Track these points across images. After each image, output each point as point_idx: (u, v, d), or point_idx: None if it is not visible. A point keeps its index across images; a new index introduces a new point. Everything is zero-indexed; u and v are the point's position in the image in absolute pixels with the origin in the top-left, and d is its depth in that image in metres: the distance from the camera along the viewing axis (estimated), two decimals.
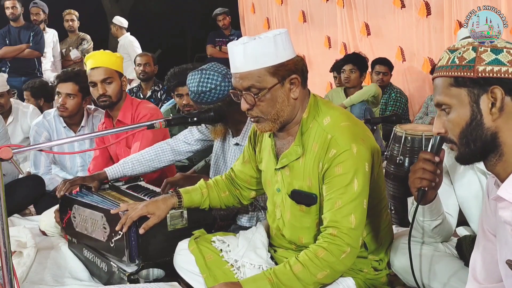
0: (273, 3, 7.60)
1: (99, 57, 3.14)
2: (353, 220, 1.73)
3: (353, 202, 1.74)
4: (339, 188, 1.75)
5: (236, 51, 1.81)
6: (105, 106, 3.17)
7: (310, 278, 1.70)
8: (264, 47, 1.78)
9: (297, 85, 1.84)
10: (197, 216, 2.25)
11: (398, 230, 2.81)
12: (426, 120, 5.19)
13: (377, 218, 1.96)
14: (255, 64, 1.78)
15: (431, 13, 5.34)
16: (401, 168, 2.87)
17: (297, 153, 1.87)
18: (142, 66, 5.48)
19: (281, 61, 1.79)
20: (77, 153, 3.60)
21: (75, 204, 2.42)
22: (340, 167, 1.75)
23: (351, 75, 4.81)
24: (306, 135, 1.86)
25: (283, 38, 1.80)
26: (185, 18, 13.91)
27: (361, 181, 1.75)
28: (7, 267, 1.62)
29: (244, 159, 2.20)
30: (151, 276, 2.15)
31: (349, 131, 1.80)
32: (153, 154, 2.78)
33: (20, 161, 4.50)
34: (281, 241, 2.04)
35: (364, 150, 1.78)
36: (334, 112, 1.87)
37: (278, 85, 1.80)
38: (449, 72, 1.31)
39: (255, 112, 1.84)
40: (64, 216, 2.51)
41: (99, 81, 3.07)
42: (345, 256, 1.71)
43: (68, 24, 7.03)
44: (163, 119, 2.15)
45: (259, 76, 1.79)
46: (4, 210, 1.58)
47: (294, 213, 1.93)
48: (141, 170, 2.76)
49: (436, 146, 1.59)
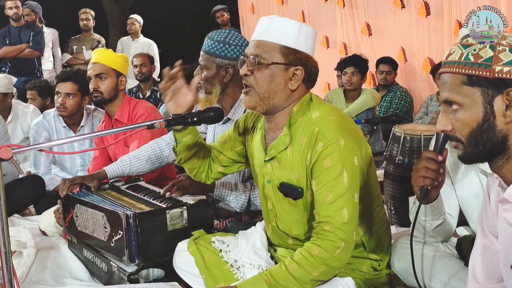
0: (273, 3, 7.61)
1: (100, 54, 3.24)
2: (346, 214, 1.72)
3: (344, 196, 1.73)
4: (329, 181, 1.74)
5: (263, 22, 1.87)
6: (96, 101, 3.23)
7: (306, 276, 1.70)
8: (289, 27, 1.82)
9: (299, 78, 1.84)
10: (197, 216, 2.26)
11: (398, 230, 2.82)
12: (426, 120, 5.19)
13: (373, 216, 1.95)
14: (273, 37, 1.82)
15: (431, 13, 5.35)
16: (400, 168, 2.87)
17: (285, 143, 1.86)
18: (139, 67, 5.48)
19: (297, 48, 1.82)
20: (77, 153, 3.60)
21: (77, 203, 2.43)
22: (328, 159, 1.74)
23: (353, 78, 4.80)
24: (294, 127, 1.86)
25: (309, 32, 1.85)
26: (185, 18, 13.89)
27: (350, 174, 1.74)
28: (7, 267, 1.62)
29: (224, 138, 2.16)
30: (151, 276, 2.16)
31: (337, 125, 1.79)
32: (149, 150, 2.79)
33: (20, 161, 4.50)
34: (277, 236, 2.03)
35: (352, 144, 1.77)
36: (323, 107, 1.88)
37: (282, 66, 1.82)
38: (462, 69, 1.26)
39: (250, 80, 1.86)
40: (67, 215, 2.51)
41: (93, 75, 3.16)
42: (340, 251, 1.70)
43: (83, 23, 6.99)
44: (163, 119, 2.14)
45: (270, 49, 1.82)
46: (4, 210, 1.58)
47: (284, 205, 1.93)
48: (139, 167, 2.76)
49: (440, 145, 1.58)
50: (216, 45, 2.48)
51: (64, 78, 3.52)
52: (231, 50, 2.47)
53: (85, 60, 6.84)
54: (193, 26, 13.63)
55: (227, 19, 7.36)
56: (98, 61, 3.18)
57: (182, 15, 13.77)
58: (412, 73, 5.84)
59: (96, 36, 7.06)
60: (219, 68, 2.48)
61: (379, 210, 1.99)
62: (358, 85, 4.84)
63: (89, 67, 3.21)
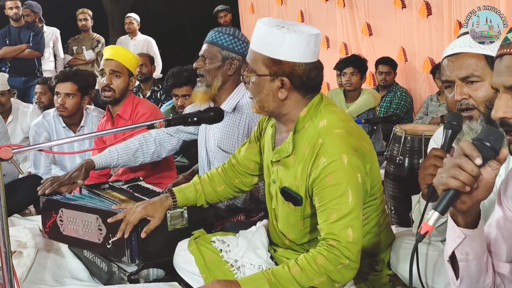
0: (272, 3, 7.60)
1: (116, 51, 3.22)
2: (351, 234, 1.69)
3: (348, 215, 1.69)
4: (332, 199, 1.71)
5: (256, 29, 1.85)
6: (107, 100, 3.17)
7: (307, 282, 1.69)
8: (271, 37, 1.78)
9: (287, 88, 1.81)
10: (197, 216, 2.25)
11: (398, 230, 2.81)
12: (426, 120, 5.19)
13: (375, 222, 1.94)
14: (259, 47, 1.82)
15: (432, 13, 5.34)
16: (401, 168, 2.87)
17: (287, 151, 1.85)
18: (139, 67, 5.47)
19: (279, 58, 1.78)
20: (77, 153, 3.60)
21: (62, 207, 2.35)
22: (331, 177, 1.71)
23: (352, 78, 4.80)
24: (300, 135, 1.84)
25: (295, 38, 1.77)
26: (185, 18, 13.90)
27: (354, 192, 1.71)
28: (7, 267, 1.62)
29: (250, 144, 2.17)
30: (151, 276, 2.16)
31: (342, 140, 1.75)
32: (137, 143, 2.79)
33: (20, 161, 4.49)
34: (277, 235, 2.03)
35: (355, 161, 1.73)
36: (332, 116, 1.82)
37: (267, 77, 1.82)
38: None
39: (248, 89, 1.89)
40: (48, 220, 2.41)
41: (108, 71, 3.12)
42: (342, 267, 1.68)
43: (81, 24, 6.96)
44: (163, 119, 2.15)
45: (255, 60, 1.83)
46: (4, 210, 1.58)
47: (284, 208, 1.93)
48: (126, 160, 2.77)
49: (447, 143, 1.57)
50: (225, 37, 2.48)
51: (64, 78, 3.52)
52: (239, 44, 2.48)
53: (86, 61, 6.84)
54: (193, 25, 13.64)
55: (229, 20, 7.33)
56: (114, 58, 3.15)
57: (182, 14, 13.78)
58: (412, 73, 5.84)
59: (95, 35, 7.05)
60: (224, 60, 2.47)
61: (381, 214, 1.99)
62: (357, 85, 4.85)
63: (104, 62, 3.16)
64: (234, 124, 2.52)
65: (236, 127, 2.51)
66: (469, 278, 1.32)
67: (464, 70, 1.65)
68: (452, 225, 1.28)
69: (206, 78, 2.49)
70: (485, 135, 1.17)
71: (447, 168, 1.17)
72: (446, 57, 1.71)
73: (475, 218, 1.26)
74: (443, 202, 1.16)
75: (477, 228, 1.26)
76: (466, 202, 1.20)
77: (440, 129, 2.01)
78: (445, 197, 1.17)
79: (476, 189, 1.18)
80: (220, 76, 2.48)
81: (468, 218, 1.25)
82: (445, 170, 1.18)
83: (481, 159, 1.15)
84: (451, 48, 1.69)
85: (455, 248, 1.28)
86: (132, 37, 7.17)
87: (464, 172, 1.15)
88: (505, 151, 1.17)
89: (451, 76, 1.67)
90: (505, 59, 1.17)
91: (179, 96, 3.74)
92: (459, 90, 1.66)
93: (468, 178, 1.15)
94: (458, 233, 1.27)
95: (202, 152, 2.70)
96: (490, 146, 1.15)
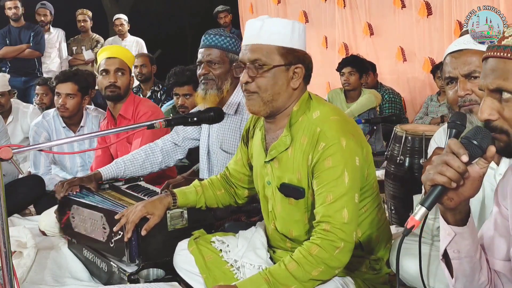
0: (272, 3, 7.60)
1: (116, 49, 3.24)
2: (346, 215, 1.71)
3: (344, 196, 1.73)
4: (330, 181, 1.74)
5: (254, 25, 1.86)
6: (112, 96, 3.16)
7: (305, 275, 1.70)
8: (282, 27, 1.83)
9: (300, 76, 1.86)
10: (197, 216, 2.25)
11: (398, 230, 2.81)
12: (426, 120, 5.19)
13: (372, 217, 1.95)
14: (268, 39, 1.82)
15: (432, 13, 5.35)
16: (401, 168, 2.87)
17: (286, 143, 1.86)
18: (139, 67, 5.47)
19: (293, 46, 1.84)
20: (77, 153, 3.61)
21: (74, 204, 2.42)
22: (330, 160, 1.75)
23: (350, 78, 4.83)
24: (295, 127, 1.86)
25: (301, 28, 1.87)
26: (185, 18, 13.91)
27: (351, 175, 1.74)
28: (7, 267, 1.62)
29: (237, 157, 2.21)
30: (151, 276, 2.16)
31: (338, 125, 1.79)
32: (143, 154, 2.80)
33: (20, 161, 4.50)
34: (276, 238, 2.03)
35: (353, 144, 1.77)
36: (324, 107, 1.88)
37: (283, 67, 1.83)
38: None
39: (253, 87, 1.85)
40: (63, 217, 2.51)
41: (112, 70, 3.13)
42: (339, 251, 1.70)
43: (80, 24, 6.96)
44: (163, 119, 2.15)
45: (268, 52, 1.82)
46: (4, 210, 1.58)
47: (284, 206, 1.93)
48: (133, 171, 2.77)
49: None
50: (229, 41, 2.52)
51: (64, 78, 3.52)
52: (238, 45, 2.52)
53: (85, 61, 6.84)
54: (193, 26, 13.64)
55: (229, 21, 7.33)
56: (117, 56, 3.16)
57: (182, 15, 13.78)
58: (412, 73, 5.84)
59: (95, 36, 7.05)
60: (231, 62, 2.49)
61: (378, 210, 1.99)
62: (356, 85, 4.85)
63: (106, 62, 3.15)
64: (236, 125, 2.54)
65: (238, 128, 2.54)
66: (463, 277, 1.33)
67: (468, 67, 1.69)
68: (442, 223, 1.30)
69: (217, 82, 2.52)
70: (472, 134, 1.19)
71: (435, 165, 1.19)
72: (449, 54, 1.73)
73: (464, 216, 1.28)
74: (430, 197, 1.19)
75: (466, 226, 1.27)
76: (453, 199, 1.22)
77: (441, 129, 2.02)
78: (432, 193, 1.19)
79: (463, 186, 1.20)
80: (230, 78, 2.52)
81: (457, 215, 1.27)
82: (433, 167, 1.19)
83: (467, 156, 1.17)
84: (455, 45, 1.72)
85: (447, 246, 1.30)
86: (122, 38, 7.14)
87: (451, 168, 1.17)
88: (492, 149, 1.18)
89: (454, 73, 1.71)
90: (489, 61, 1.19)
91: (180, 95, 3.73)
92: (463, 86, 1.69)
93: (455, 175, 1.17)
94: (448, 230, 1.28)
95: (203, 153, 2.70)
96: (477, 144, 1.18)
